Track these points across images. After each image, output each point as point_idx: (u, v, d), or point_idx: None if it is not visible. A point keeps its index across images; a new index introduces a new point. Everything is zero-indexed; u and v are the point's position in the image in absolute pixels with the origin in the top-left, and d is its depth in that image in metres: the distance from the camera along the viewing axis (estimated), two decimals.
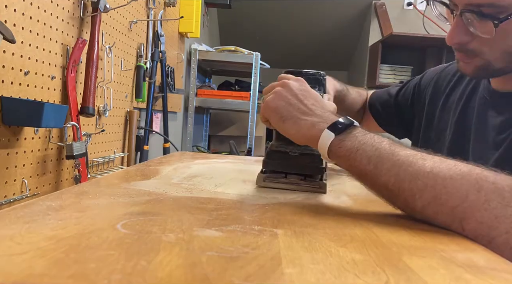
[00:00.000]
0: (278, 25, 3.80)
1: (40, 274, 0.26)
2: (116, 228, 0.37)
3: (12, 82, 0.80)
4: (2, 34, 0.71)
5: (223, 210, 0.48)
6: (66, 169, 1.04)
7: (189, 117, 2.49)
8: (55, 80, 0.95)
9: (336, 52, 4.18)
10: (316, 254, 0.33)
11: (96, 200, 0.50)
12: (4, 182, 0.80)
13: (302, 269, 0.30)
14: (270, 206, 0.52)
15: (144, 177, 0.70)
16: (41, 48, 0.89)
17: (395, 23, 3.22)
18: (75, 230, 0.36)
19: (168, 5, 1.78)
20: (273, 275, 0.28)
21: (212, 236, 0.36)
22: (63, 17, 0.97)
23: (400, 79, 3.13)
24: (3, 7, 0.76)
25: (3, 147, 0.80)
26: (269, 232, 0.39)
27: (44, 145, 0.94)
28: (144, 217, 0.42)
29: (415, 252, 0.36)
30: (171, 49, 1.93)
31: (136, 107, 1.54)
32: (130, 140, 1.47)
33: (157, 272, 0.27)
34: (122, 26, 1.34)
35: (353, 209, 0.54)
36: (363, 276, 0.29)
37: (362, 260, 0.32)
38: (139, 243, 0.33)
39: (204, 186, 0.62)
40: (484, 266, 0.34)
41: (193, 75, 2.47)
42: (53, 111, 0.85)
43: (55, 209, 0.44)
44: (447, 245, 0.39)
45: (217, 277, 0.27)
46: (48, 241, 0.32)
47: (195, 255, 0.31)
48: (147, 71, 1.55)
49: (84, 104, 1.03)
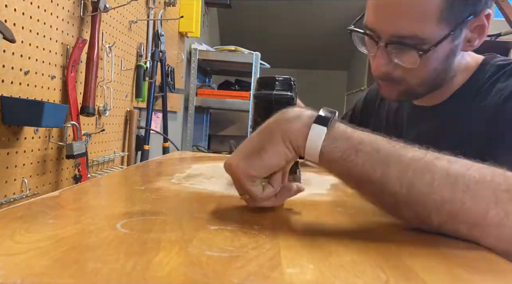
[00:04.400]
0: (278, 25, 3.80)
1: (40, 273, 0.26)
2: (115, 228, 0.37)
3: (12, 81, 0.80)
4: (2, 34, 0.71)
5: (223, 209, 0.48)
6: (66, 169, 1.04)
7: (189, 117, 2.49)
8: (55, 79, 0.95)
9: (336, 52, 4.18)
10: (316, 253, 0.33)
11: (96, 200, 0.50)
12: (4, 182, 0.80)
13: (302, 269, 0.30)
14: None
15: (145, 177, 0.70)
16: (41, 48, 0.88)
17: None
18: (75, 229, 0.36)
19: (168, 5, 1.78)
20: (273, 274, 0.28)
21: (211, 236, 0.36)
22: (63, 17, 0.97)
23: None
24: (3, 7, 0.75)
25: (3, 146, 0.80)
26: (269, 231, 0.39)
27: (44, 145, 0.94)
28: (143, 216, 0.42)
29: (414, 252, 0.36)
30: (171, 48, 1.93)
31: (136, 106, 1.54)
32: (130, 139, 1.47)
33: (156, 272, 0.27)
34: (122, 25, 1.34)
35: (352, 208, 0.54)
36: (363, 276, 0.29)
37: (362, 260, 0.32)
38: (139, 243, 0.33)
39: (204, 186, 0.62)
40: (484, 266, 0.34)
41: (193, 75, 2.47)
42: (53, 110, 0.85)
43: (55, 209, 0.44)
44: (447, 245, 0.39)
45: (216, 276, 0.27)
46: (48, 240, 0.32)
47: (194, 255, 0.31)
48: (147, 71, 1.55)
49: (84, 104, 1.03)
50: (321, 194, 0.61)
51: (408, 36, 0.61)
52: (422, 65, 0.63)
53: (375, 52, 0.66)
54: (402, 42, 0.62)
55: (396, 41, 0.62)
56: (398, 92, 0.70)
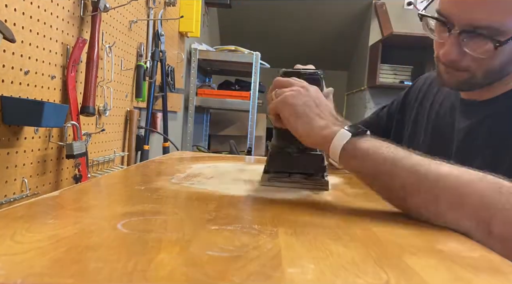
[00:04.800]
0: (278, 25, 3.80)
1: (41, 273, 0.26)
2: (116, 228, 0.37)
3: (12, 81, 0.79)
4: (2, 34, 0.71)
5: (223, 209, 0.48)
6: (66, 169, 1.04)
7: (189, 117, 2.49)
8: (55, 79, 0.95)
9: (336, 52, 4.17)
10: (316, 253, 0.33)
11: (96, 200, 0.50)
12: (4, 182, 0.80)
13: (303, 268, 0.30)
14: (270, 205, 0.52)
15: (144, 177, 0.70)
16: (41, 48, 0.88)
17: (395, 23, 3.22)
18: (76, 229, 0.36)
19: (168, 5, 1.78)
20: (274, 274, 0.28)
21: (212, 236, 0.36)
22: (63, 17, 0.97)
23: (400, 79, 3.13)
24: (3, 7, 0.75)
25: (3, 146, 0.80)
26: (269, 231, 0.39)
27: (44, 145, 0.94)
28: (144, 216, 0.42)
29: (415, 251, 0.36)
30: (171, 48, 1.93)
31: (136, 106, 1.54)
32: (130, 139, 1.47)
33: (158, 272, 0.27)
34: (122, 25, 1.34)
35: (353, 208, 0.54)
36: (364, 276, 0.29)
37: (363, 260, 0.32)
38: (140, 243, 0.33)
39: (204, 186, 0.62)
40: (485, 265, 0.34)
41: (193, 75, 2.47)
42: (53, 110, 0.85)
43: (56, 209, 0.44)
44: (448, 245, 0.39)
45: (218, 276, 0.27)
46: (49, 240, 0.32)
47: (195, 255, 0.31)
48: (147, 71, 1.55)
49: (84, 104, 1.03)
50: (322, 194, 0.61)
51: (486, 27, 0.59)
52: (492, 57, 0.62)
53: (445, 39, 0.65)
54: (478, 32, 0.60)
55: (472, 30, 0.61)
56: (458, 80, 0.68)
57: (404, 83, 3.07)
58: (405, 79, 3.13)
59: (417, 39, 2.89)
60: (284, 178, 0.66)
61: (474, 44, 0.62)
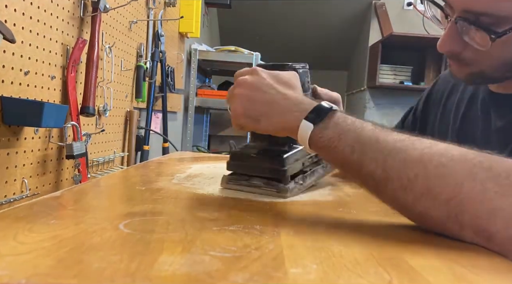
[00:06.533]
0: (278, 25, 3.80)
1: (44, 273, 0.26)
2: (118, 228, 0.37)
3: (12, 82, 0.79)
4: (2, 34, 0.71)
5: (224, 210, 0.48)
6: (66, 169, 1.04)
7: (189, 117, 2.49)
8: (55, 80, 0.95)
9: (336, 52, 4.18)
10: (318, 253, 0.33)
11: (97, 200, 0.50)
12: (4, 182, 0.80)
13: (305, 269, 0.30)
14: (272, 205, 0.52)
15: (145, 177, 0.70)
16: (41, 48, 0.88)
17: (395, 23, 3.22)
18: (78, 230, 0.36)
19: (168, 5, 1.78)
20: (277, 274, 0.28)
21: (214, 236, 0.36)
22: (63, 17, 0.97)
23: (400, 79, 3.13)
24: (3, 7, 0.75)
25: (3, 147, 0.80)
26: (271, 231, 0.39)
27: (44, 145, 0.94)
28: (146, 217, 0.42)
29: (417, 252, 0.36)
30: (171, 49, 1.93)
31: (136, 107, 1.54)
32: (130, 140, 1.47)
33: (161, 272, 0.27)
34: (122, 26, 1.34)
35: (354, 208, 0.54)
36: (366, 276, 0.29)
37: (365, 260, 0.32)
38: (142, 243, 0.33)
39: (205, 186, 0.62)
40: (487, 266, 0.34)
41: (193, 75, 2.47)
42: (53, 111, 0.85)
43: (57, 209, 0.44)
44: (450, 245, 0.39)
45: (220, 276, 0.27)
46: (51, 241, 0.32)
47: (198, 255, 0.31)
48: (147, 71, 1.55)
49: (84, 104, 1.03)
50: (323, 194, 0.61)
51: (484, 13, 0.52)
52: (496, 49, 0.54)
53: (446, 25, 0.59)
54: (475, 20, 0.53)
55: (469, 17, 0.54)
56: (466, 73, 0.61)
57: (404, 83, 3.08)
58: (404, 79, 3.13)
59: (417, 40, 2.89)
60: (242, 181, 0.60)
61: (473, 33, 0.55)
